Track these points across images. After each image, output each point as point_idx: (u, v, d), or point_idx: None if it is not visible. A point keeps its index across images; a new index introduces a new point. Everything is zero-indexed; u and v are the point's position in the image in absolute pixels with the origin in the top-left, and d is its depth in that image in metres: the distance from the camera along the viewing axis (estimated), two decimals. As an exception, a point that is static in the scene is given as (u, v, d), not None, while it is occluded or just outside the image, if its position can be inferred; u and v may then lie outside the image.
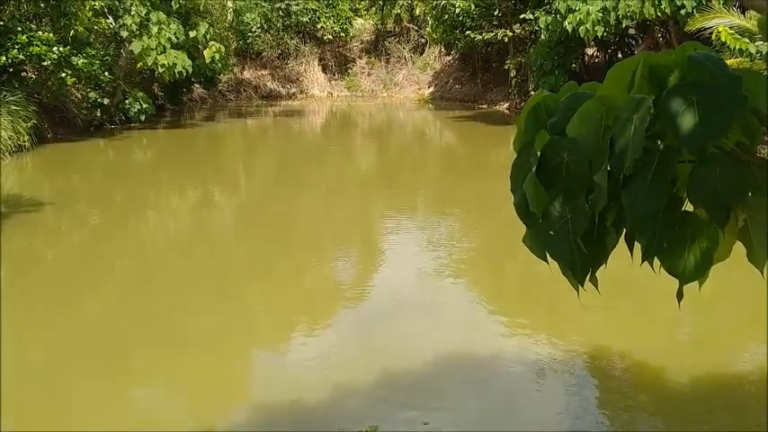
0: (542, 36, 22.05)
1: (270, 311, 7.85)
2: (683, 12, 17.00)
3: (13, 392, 5.75)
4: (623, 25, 19.31)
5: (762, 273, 1.51)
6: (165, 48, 20.58)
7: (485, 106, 28.44)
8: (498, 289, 8.73)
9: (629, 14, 18.25)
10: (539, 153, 1.59)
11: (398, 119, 28.08)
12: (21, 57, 16.60)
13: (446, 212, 12.92)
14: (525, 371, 6.28)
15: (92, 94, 20.05)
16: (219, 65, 23.40)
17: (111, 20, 20.78)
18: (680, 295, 1.53)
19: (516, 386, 6.03)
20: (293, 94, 32.06)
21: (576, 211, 1.56)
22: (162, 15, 20.93)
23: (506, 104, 27.27)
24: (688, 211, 1.47)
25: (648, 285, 8.34)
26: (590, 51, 26.36)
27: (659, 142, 1.46)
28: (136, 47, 20.44)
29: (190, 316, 7.48)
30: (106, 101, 20.35)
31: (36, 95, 18.25)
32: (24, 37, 16.64)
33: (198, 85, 26.94)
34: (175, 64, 20.66)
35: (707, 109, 1.36)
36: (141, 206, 12.97)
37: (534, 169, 1.60)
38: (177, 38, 20.94)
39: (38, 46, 16.67)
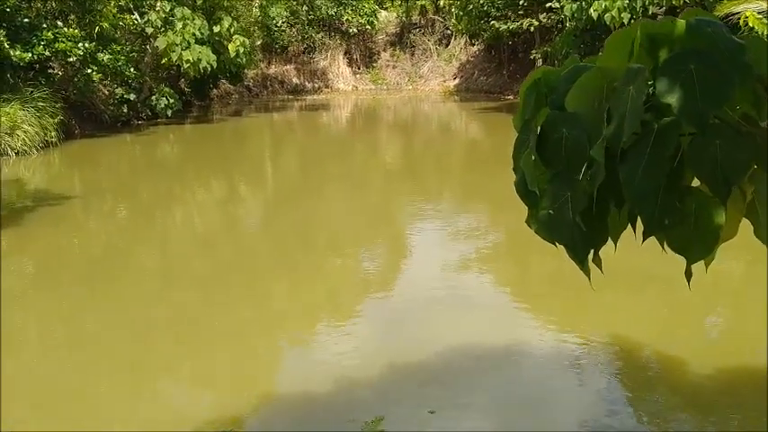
0: (568, 24, 21.80)
1: (294, 305, 7.85)
2: (711, -4, 16.68)
3: (38, 387, 5.81)
4: (650, 12, 18.99)
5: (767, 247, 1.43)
6: (189, 43, 20.71)
7: (511, 97, 28.20)
8: (523, 282, 8.63)
9: (655, 1, 17.94)
10: (538, 129, 1.53)
11: (424, 111, 27.96)
12: (47, 53, 16.81)
13: (472, 205, 12.83)
14: (550, 364, 6.18)
15: (118, 90, 20.26)
16: (244, 59, 23.48)
17: (136, 16, 20.96)
18: (688, 275, 1.47)
19: (540, 379, 5.94)
20: (318, 88, 32.11)
21: (574, 188, 1.49)
22: (186, 11, 21.06)
23: (532, 95, 27.00)
24: (690, 186, 1.40)
25: (676, 274, 8.20)
26: (617, 40, 25.93)
27: (657, 115, 1.38)
28: (161, 43, 20.60)
29: (215, 310, 7.50)
30: (132, 97, 20.54)
31: (63, 92, 18.48)
32: (50, 33, 16.84)
33: (224, 81, 27.08)
34: (200, 59, 20.77)
35: (706, 77, 1.28)
36: (167, 200, 13.06)
37: (533, 146, 1.54)
38: (202, 33, 21.06)
39: (63, 42, 16.87)
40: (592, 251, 1.55)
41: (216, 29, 21.83)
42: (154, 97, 21.41)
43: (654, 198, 1.39)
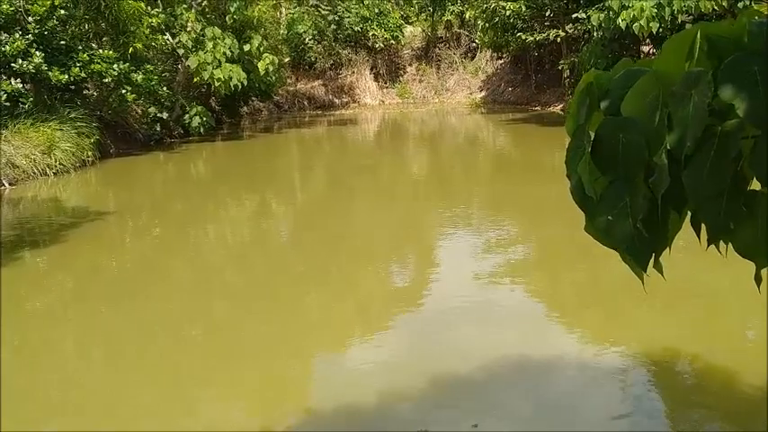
0: (595, 34, 21.71)
1: (326, 318, 7.88)
2: (740, 5, 16.51)
3: (75, 400, 5.91)
4: (679, 20, 18.85)
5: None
6: (220, 62, 21.00)
7: (538, 108, 28.13)
8: (555, 294, 8.57)
9: (684, 9, 17.83)
10: (593, 135, 1.55)
11: (451, 124, 27.98)
12: (82, 74, 17.16)
13: (502, 217, 12.79)
14: (582, 376, 6.14)
15: (151, 109, 20.59)
16: (273, 77, 23.76)
17: (168, 36, 21.31)
18: (758, 279, 1.46)
19: (572, 391, 5.89)
20: (346, 103, 32.32)
21: (634, 193, 1.50)
22: (217, 30, 21.37)
23: (560, 105, 26.90)
24: (755, 190, 1.40)
25: (712, 286, 8.11)
26: (645, 49, 25.82)
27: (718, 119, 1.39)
28: (192, 62, 20.91)
29: (248, 323, 7.57)
30: (165, 115, 20.87)
31: (98, 112, 18.84)
32: (86, 55, 17.20)
33: (254, 98, 27.38)
34: (231, 77, 21.04)
35: (770, 79, 1.29)
36: (200, 216, 13.22)
37: (589, 151, 1.55)
38: (232, 51, 21.34)
39: (99, 63, 17.21)
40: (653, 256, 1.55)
41: (246, 47, 22.11)
42: (187, 115, 21.73)
43: (719, 203, 1.40)
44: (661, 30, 19.14)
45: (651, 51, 26.25)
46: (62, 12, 17.16)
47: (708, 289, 8.02)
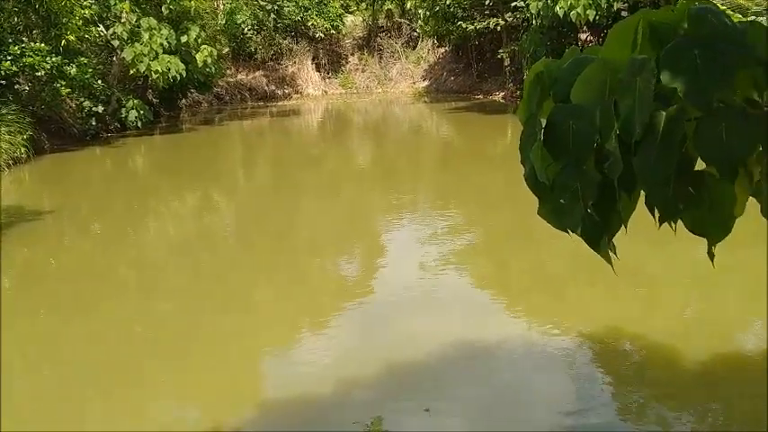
0: (534, 23, 22.01)
1: (275, 312, 7.83)
2: (674, -9, 16.96)
3: (20, 408, 5.73)
4: (615, 8, 19.26)
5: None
6: (157, 54, 20.55)
7: (480, 96, 28.42)
8: (502, 279, 8.70)
9: (620, -3, 18.21)
10: (544, 122, 1.56)
11: (394, 114, 28.04)
12: (14, 68, 16.58)
13: (447, 206, 12.89)
14: (530, 359, 6.26)
15: (86, 103, 20.03)
16: (213, 69, 23.38)
17: (101, 28, 20.74)
18: (711, 255, 1.50)
19: (521, 375, 6.01)
20: (288, 94, 32.04)
21: (584, 178, 1.53)
22: (153, 21, 20.89)
23: (502, 94, 27.24)
24: (701, 170, 1.44)
25: (653, 268, 8.35)
26: (583, 36, 26.32)
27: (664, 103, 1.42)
28: (128, 54, 20.40)
29: (197, 320, 7.46)
30: (101, 109, 20.33)
31: (31, 107, 18.23)
32: (17, 48, 16.61)
33: (193, 90, 26.90)
34: (168, 69, 20.62)
35: (709, 62, 1.32)
36: (141, 213, 12.94)
37: (541, 138, 1.57)
38: (169, 43, 20.90)
39: (31, 57, 16.65)
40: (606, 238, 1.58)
41: (183, 39, 21.68)
42: (123, 109, 21.21)
43: (668, 185, 1.43)
44: (598, 17, 19.52)
45: (589, 39, 26.76)
46: (-10, 4, 16.54)
47: (649, 270, 8.25)
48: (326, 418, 5.30)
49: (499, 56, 26.04)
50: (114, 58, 22.09)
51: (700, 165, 1.43)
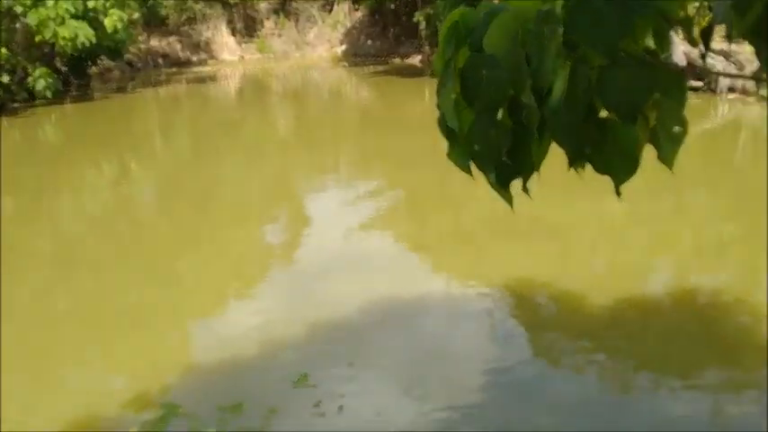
0: (450, -14, 22.05)
1: (199, 281, 7.79)
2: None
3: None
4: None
5: (671, 170, 1.63)
6: (63, 19, 19.64)
7: (398, 60, 28.49)
8: (424, 240, 8.89)
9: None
10: (459, 70, 1.64)
11: (314, 78, 27.79)
12: None
13: (369, 169, 12.99)
14: (452, 314, 6.49)
15: (-11, 73, 19.04)
16: (123, 34, 22.53)
17: (2, -8, 19.64)
18: (618, 193, 1.63)
19: (444, 329, 6.23)
20: (204, 60, 31.25)
21: (498, 126, 1.63)
22: (57, -16, 19.90)
23: (419, 57, 27.36)
24: (605, 117, 1.56)
25: (565, 220, 8.71)
26: None
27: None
28: (32, 19, 19.42)
29: (119, 293, 7.35)
30: (6, 79, 19.37)
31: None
32: None
33: (103, 57, 25.90)
34: (77, 35, 19.76)
35: (612, 11, 1.43)
36: (55, 185, 12.51)
37: (456, 86, 1.66)
38: (76, 8, 20.00)
39: (-75, 24, 15.67)
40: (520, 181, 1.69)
41: (90, 3, 20.77)
42: (30, 78, 20.25)
43: (575, 130, 1.55)
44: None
45: None
46: None
47: (562, 224, 8.60)
48: (252, 379, 5.38)
49: (415, 19, 26.07)
50: (18, 25, 20.99)
51: (605, 113, 1.56)
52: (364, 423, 4.72)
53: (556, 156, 1.73)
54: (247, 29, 32.63)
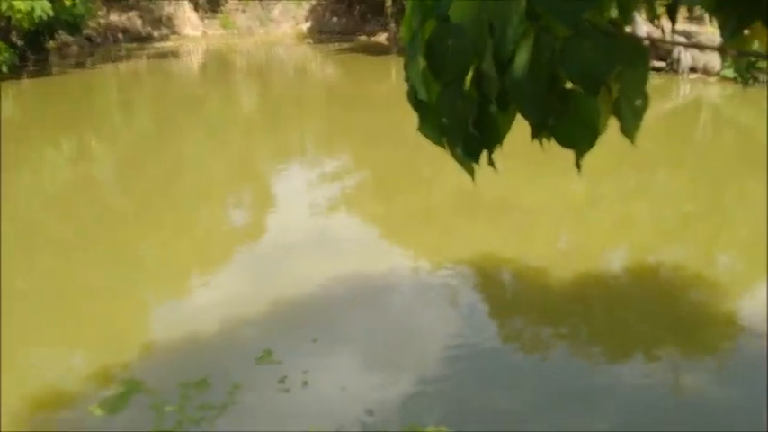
0: (416, -37, 21.91)
1: (163, 260, 7.70)
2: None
3: None
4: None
5: (633, 142, 1.63)
6: (19, -9, 19.07)
7: (364, 38, 28.30)
8: (390, 216, 8.90)
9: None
10: (426, 41, 1.62)
11: (278, 56, 27.49)
12: None
13: (334, 148, 12.93)
14: (417, 291, 6.52)
15: (-58, 47, 18.45)
16: (81, 8, 21.99)
17: (-47, -37, 19.00)
18: (578, 166, 1.63)
19: (408, 306, 6.25)
20: (165, 35, 30.65)
21: (465, 97, 1.61)
22: (12, -44, 19.30)
23: (385, 35, 27.21)
24: (568, 88, 1.55)
25: (530, 199, 8.79)
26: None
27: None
28: (-14, -9, 18.84)
29: (81, 273, 7.22)
30: (-42, 53, 18.81)
31: None
32: None
33: (61, 32, 25.25)
34: (33, 9, 19.22)
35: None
36: (12, 163, 12.20)
37: (422, 57, 1.63)
38: (32, -20, 19.43)
39: None
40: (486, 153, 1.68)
41: (47, -25, 20.20)
42: (-16, 53, 19.68)
43: (538, 101, 1.54)
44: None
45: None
46: None
47: (526, 203, 8.67)
48: (215, 356, 5.34)
49: (382, -3, 25.89)
50: (-30, -3, 20.33)
51: (569, 84, 1.55)
52: (329, 398, 4.72)
53: (522, 135, 1.72)
54: (210, 4, 32.07)
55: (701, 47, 18.19)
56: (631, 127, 1.60)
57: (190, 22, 31.18)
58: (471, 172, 1.67)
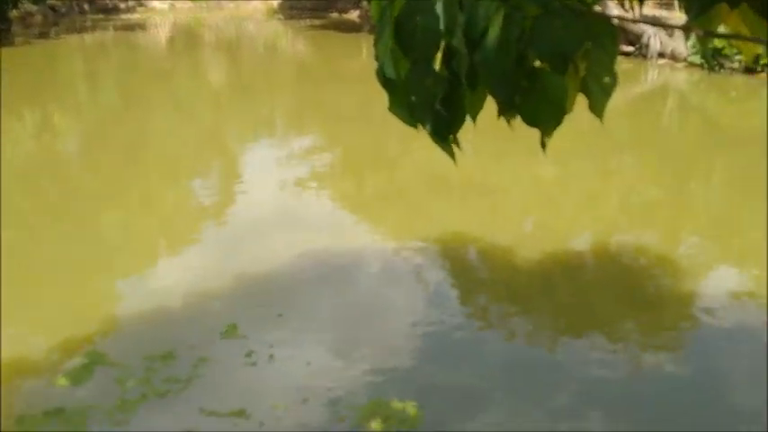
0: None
1: (128, 234, 7.62)
2: None
3: None
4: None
5: (601, 121, 1.65)
6: (-20, -43, 18.56)
7: (335, 15, 28.07)
8: (359, 195, 8.91)
9: None
10: (395, 18, 1.62)
11: (248, 31, 27.17)
12: None
13: (304, 125, 12.85)
14: (384, 269, 6.55)
15: None
16: (46, -24, 21.49)
17: None
18: (543, 145, 1.65)
19: (375, 284, 6.28)
20: (132, 7, 30.13)
21: (433, 75, 1.62)
22: None
23: (357, 12, 27.03)
24: (535, 66, 1.57)
25: (498, 180, 8.86)
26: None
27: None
28: (-55, -43, 18.29)
29: (42, 248, 7.10)
30: None
31: None
32: None
33: (25, 0, 24.66)
34: (-5, -25, 18.73)
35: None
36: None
37: (390, 35, 1.63)
38: (-7, -54, 18.92)
39: None
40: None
41: (9, -59, 19.68)
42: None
43: (506, 79, 1.55)
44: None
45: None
46: None
47: (494, 183, 8.74)
48: (180, 330, 5.33)
49: (354, -27, 25.70)
50: (-72, -38, 19.73)
51: (538, 63, 1.57)
52: (295, 372, 4.74)
53: (490, 116, 1.74)
54: (179, -24, 31.53)
55: (666, 26, 18.39)
56: (599, 104, 1.62)
57: (158, -7, 30.68)
58: (452, 155, 1.68)
